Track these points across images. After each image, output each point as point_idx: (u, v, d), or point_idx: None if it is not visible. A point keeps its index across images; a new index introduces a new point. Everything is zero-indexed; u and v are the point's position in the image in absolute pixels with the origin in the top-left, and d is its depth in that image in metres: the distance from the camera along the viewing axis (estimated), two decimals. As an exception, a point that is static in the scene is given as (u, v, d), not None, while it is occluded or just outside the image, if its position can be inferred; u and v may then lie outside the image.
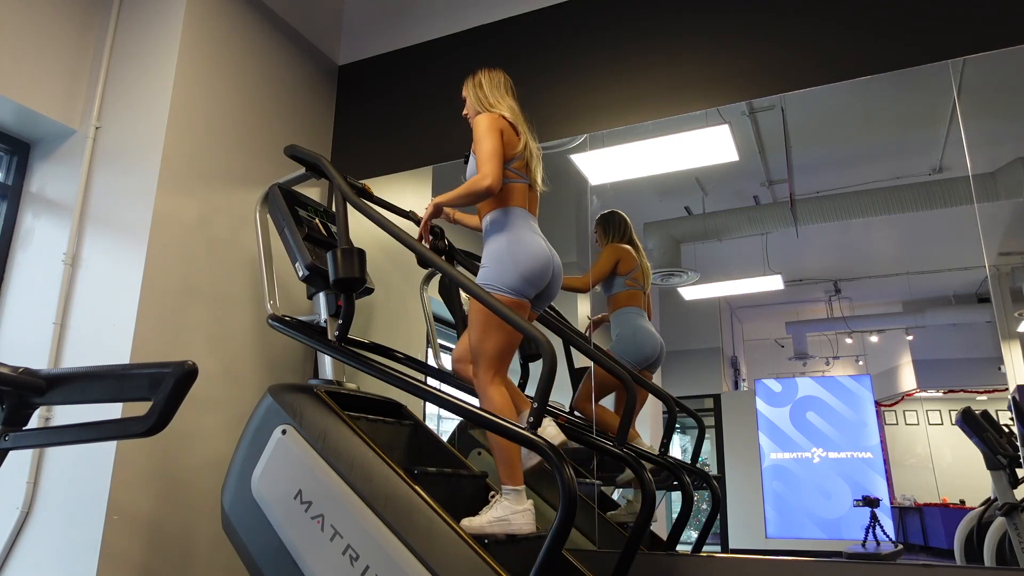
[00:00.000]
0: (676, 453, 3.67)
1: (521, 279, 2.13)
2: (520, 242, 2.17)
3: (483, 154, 2.20)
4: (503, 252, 2.16)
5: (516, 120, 2.33)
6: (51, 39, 2.82)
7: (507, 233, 2.20)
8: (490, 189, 2.15)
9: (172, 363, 1.44)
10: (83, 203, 2.78)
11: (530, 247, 2.17)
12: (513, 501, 1.98)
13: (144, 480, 2.46)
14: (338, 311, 2.35)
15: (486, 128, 2.23)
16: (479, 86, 2.42)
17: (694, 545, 2.74)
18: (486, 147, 2.20)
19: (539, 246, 2.19)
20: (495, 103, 2.36)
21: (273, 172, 3.15)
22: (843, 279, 3.44)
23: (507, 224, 2.22)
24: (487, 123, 2.25)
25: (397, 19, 3.77)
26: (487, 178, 2.14)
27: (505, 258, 2.15)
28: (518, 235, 2.19)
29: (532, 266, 2.14)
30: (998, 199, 2.53)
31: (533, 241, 2.20)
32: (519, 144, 2.29)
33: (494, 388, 2.10)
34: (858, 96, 2.83)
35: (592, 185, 3.26)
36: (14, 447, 1.54)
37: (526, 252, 2.16)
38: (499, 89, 2.40)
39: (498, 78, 2.43)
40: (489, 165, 2.16)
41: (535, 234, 2.24)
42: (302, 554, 1.91)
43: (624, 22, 3.17)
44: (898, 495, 2.94)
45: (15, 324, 2.76)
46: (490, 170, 2.16)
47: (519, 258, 2.14)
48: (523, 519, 1.97)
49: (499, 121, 2.27)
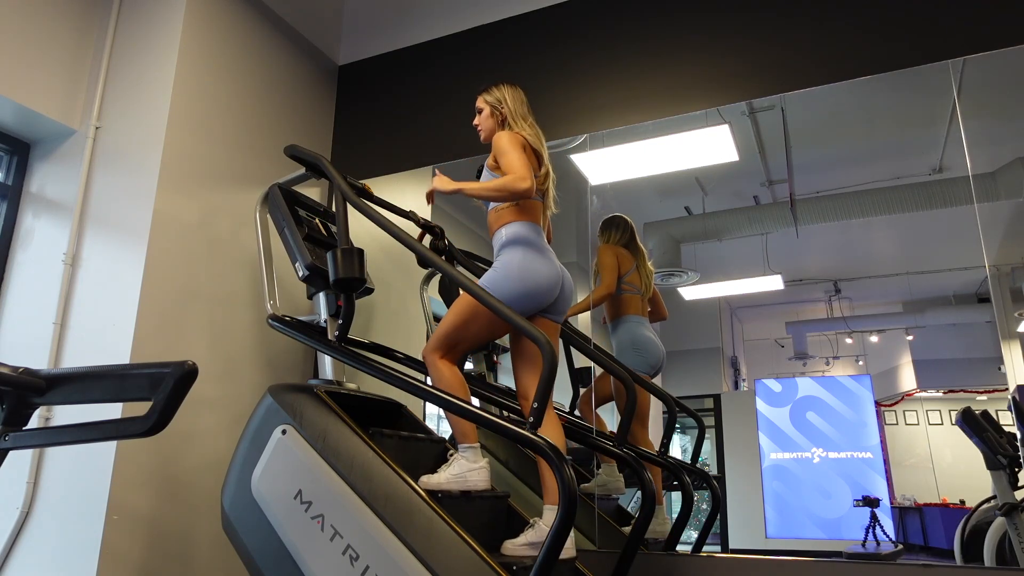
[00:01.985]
0: (676, 453, 3.67)
1: (521, 295, 2.15)
2: (532, 262, 2.20)
3: (512, 163, 2.18)
4: (513, 267, 2.18)
5: (538, 145, 2.34)
6: (51, 39, 2.82)
7: (523, 251, 2.21)
8: (528, 192, 2.17)
9: (172, 363, 1.44)
10: (83, 203, 2.78)
11: (541, 268, 2.20)
12: (469, 459, 2.10)
13: (144, 480, 2.46)
14: (338, 311, 2.35)
15: (510, 142, 2.24)
16: (502, 102, 2.40)
17: (694, 545, 2.74)
18: (516, 156, 2.20)
19: (550, 268, 2.22)
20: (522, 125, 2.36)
21: (273, 172, 3.15)
22: (843, 279, 3.44)
23: (525, 242, 2.23)
24: (510, 137, 2.26)
25: (397, 19, 3.77)
26: (526, 180, 2.14)
27: (513, 273, 2.17)
28: (532, 253, 2.21)
29: (538, 285, 2.18)
30: (998, 199, 2.53)
31: (546, 261, 2.23)
32: (541, 170, 2.32)
33: (444, 364, 2.17)
34: (858, 96, 2.83)
35: (592, 185, 3.26)
36: (14, 447, 1.54)
37: (536, 272, 2.18)
38: (523, 108, 2.41)
39: (521, 97, 2.43)
40: (525, 170, 2.17)
41: (547, 253, 2.27)
42: (302, 554, 1.91)
43: (624, 22, 3.17)
44: (898, 495, 2.94)
45: (15, 324, 2.76)
46: (528, 173, 2.16)
47: (526, 277, 2.17)
48: (478, 476, 2.08)
49: (520, 138, 2.29)
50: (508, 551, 2.03)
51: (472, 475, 2.08)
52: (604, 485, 2.88)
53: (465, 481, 2.07)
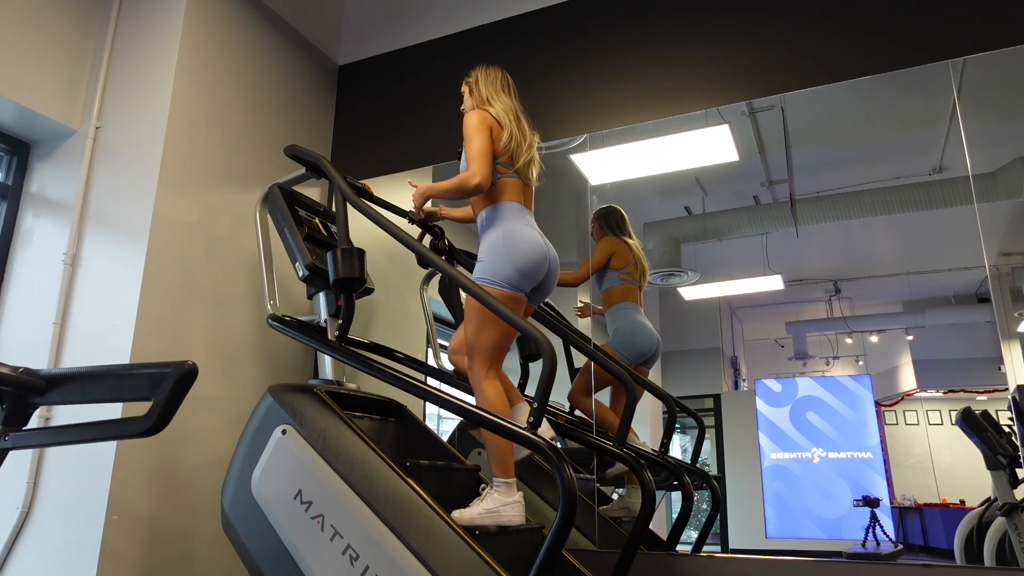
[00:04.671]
0: (676, 453, 3.67)
1: (516, 272, 2.14)
2: (515, 235, 2.19)
3: (472, 152, 2.23)
4: (498, 245, 2.18)
5: (504, 114, 2.33)
6: (51, 39, 2.82)
7: (501, 227, 2.21)
8: (479, 187, 2.20)
9: (172, 363, 1.45)
10: (83, 203, 2.78)
11: (525, 240, 2.18)
12: (503, 493, 2.02)
13: (144, 480, 2.46)
14: (338, 311, 2.35)
15: (475, 126, 2.27)
16: (475, 82, 2.44)
17: (694, 545, 2.74)
18: (475, 145, 2.23)
19: (534, 239, 2.21)
20: (488, 99, 2.37)
21: (273, 172, 3.15)
22: (843, 279, 3.44)
23: (501, 218, 2.23)
24: (475, 121, 2.28)
25: (397, 19, 3.77)
26: (476, 176, 2.19)
27: (500, 251, 2.16)
28: (512, 228, 2.21)
29: (527, 259, 2.16)
30: (998, 199, 2.53)
31: (528, 234, 2.21)
32: (503, 136, 2.30)
33: (488, 382, 2.12)
34: (858, 96, 2.83)
35: (592, 185, 3.26)
36: (14, 447, 1.54)
37: (521, 245, 2.17)
38: (494, 85, 2.42)
39: (495, 75, 2.45)
40: (478, 163, 2.20)
41: (530, 228, 2.25)
42: (302, 554, 1.90)
43: (624, 22, 3.17)
44: (898, 495, 2.94)
45: (15, 324, 2.76)
46: (479, 167, 2.20)
47: (514, 251, 2.16)
48: (513, 511, 2.01)
49: (486, 118, 2.29)
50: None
51: (507, 510, 1.99)
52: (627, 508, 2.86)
53: (499, 516, 1.98)
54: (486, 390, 2.11)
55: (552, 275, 2.28)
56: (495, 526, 1.98)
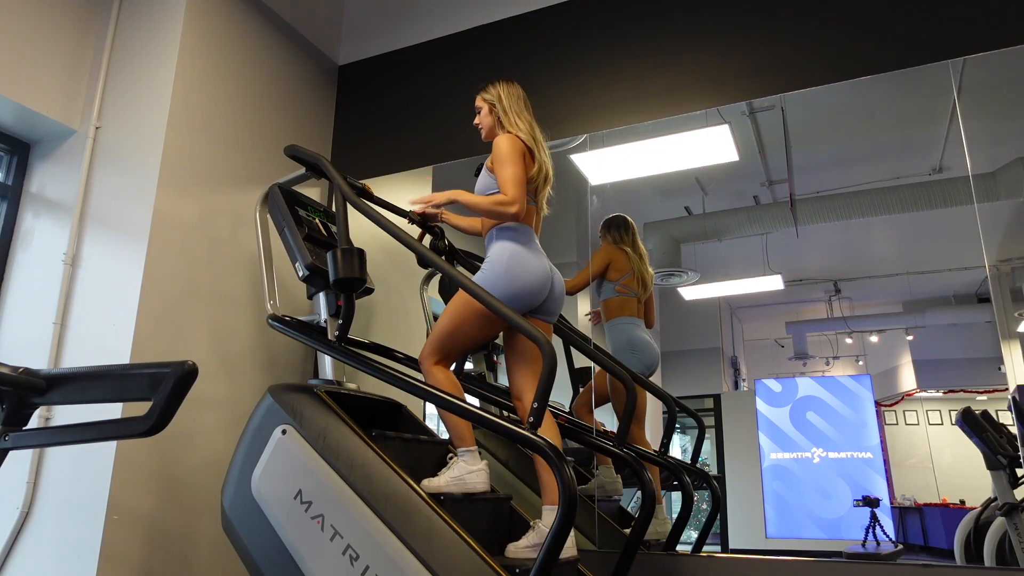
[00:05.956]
0: (676, 453, 3.67)
1: (510, 294, 2.15)
2: (518, 259, 2.20)
3: (508, 178, 2.21)
4: (501, 265, 2.19)
5: (534, 143, 2.34)
6: (51, 39, 2.82)
7: (510, 249, 2.23)
8: (516, 216, 2.21)
9: (172, 363, 1.44)
10: (83, 203, 2.78)
11: (529, 267, 2.20)
12: (468, 462, 2.12)
13: (144, 480, 2.46)
14: (338, 311, 2.35)
15: (510, 152, 2.24)
16: (498, 100, 2.41)
17: (694, 545, 2.74)
18: (511, 172, 2.21)
19: (539, 265, 2.23)
20: (515, 121, 2.36)
21: (273, 172, 3.15)
22: (843, 279, 3.44)
23: (512, 240, 2.25)
24: (510, 146, 2.26)
25: (397, 19, 3.77)
26: (515, 205, 2.18)
27: (500, 270, 2.18)
28: (518, 252, 2.22)
29: (524, 285, 2.18)
30: (998, 199, 2.53)
31: (532, 261, 2.22)
32: (533, 169, 2.32)
33: (438, 369, 2.20)
34: (858, 96, 2.83)
35: (592, 185, 3.26)
36: (14, 447, 1.54)
37: (523, 271, 2.19)
38: (518, 103, 2.40)
39: (517, 93, 2.43)
40: (516, 191, 2.19)
41: (537, 253, 2.27)
42: (302, 554, 1.91)
43: (624, 22, 3.17)
44: (898, 495, 2.94)
45: (15, 324, 2.76)
46: (518, 196, 2.19)
47: (514, 275, 2.17)
48: (478, 478, 2.10)
49: (519, 144, 2.29)
50: (511, 554, 2.03)
51: (471, 477, 2.09)
52: (602, 487, 2.88)
53: (464, 483, 2.08)
54: (436, 374, 2.19)
55: (555, 298, 2.29)
56: (461, 493, 2.07)
